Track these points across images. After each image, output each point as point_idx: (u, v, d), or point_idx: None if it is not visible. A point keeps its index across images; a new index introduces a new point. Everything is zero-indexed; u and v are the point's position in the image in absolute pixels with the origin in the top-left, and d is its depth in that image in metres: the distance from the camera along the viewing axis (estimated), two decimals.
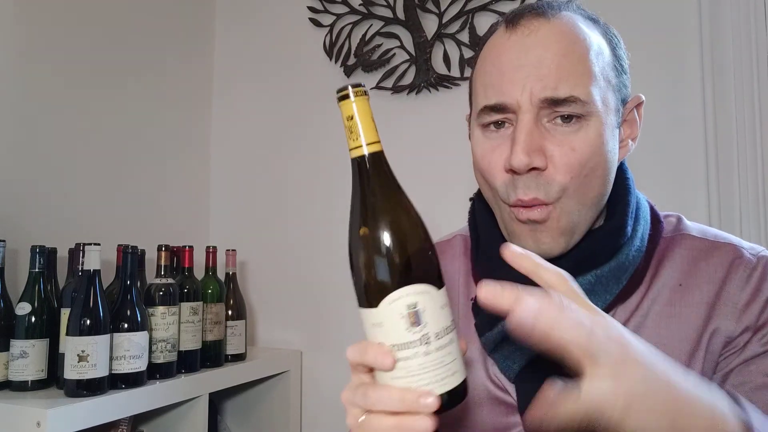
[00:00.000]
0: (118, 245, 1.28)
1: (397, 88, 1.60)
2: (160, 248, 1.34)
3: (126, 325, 1.18)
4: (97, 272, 1.14)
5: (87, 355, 1.10)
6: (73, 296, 1.17)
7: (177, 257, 1.42)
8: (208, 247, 1.51)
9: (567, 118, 0.64)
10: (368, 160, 0.53)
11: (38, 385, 1.15)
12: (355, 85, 0.52)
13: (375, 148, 0.53)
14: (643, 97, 0.73)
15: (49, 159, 1.43)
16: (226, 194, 1.87)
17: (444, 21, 1.56)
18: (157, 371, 1.27)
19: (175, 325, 1.32)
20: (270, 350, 1.70)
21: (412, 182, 1.61)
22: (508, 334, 0.69)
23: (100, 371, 1.12)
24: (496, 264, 0.73)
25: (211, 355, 1.43)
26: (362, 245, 0.52)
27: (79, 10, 1.51)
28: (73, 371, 1.10)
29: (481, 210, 0.78)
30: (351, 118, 0.52)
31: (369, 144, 0.52)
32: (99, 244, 1.16)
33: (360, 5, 1.67)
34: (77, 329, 1.10)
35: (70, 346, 1.10)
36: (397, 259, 0.51)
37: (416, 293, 0.50)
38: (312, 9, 1.74)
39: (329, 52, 1.70)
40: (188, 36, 1.83)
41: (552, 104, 0.63)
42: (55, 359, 1.18)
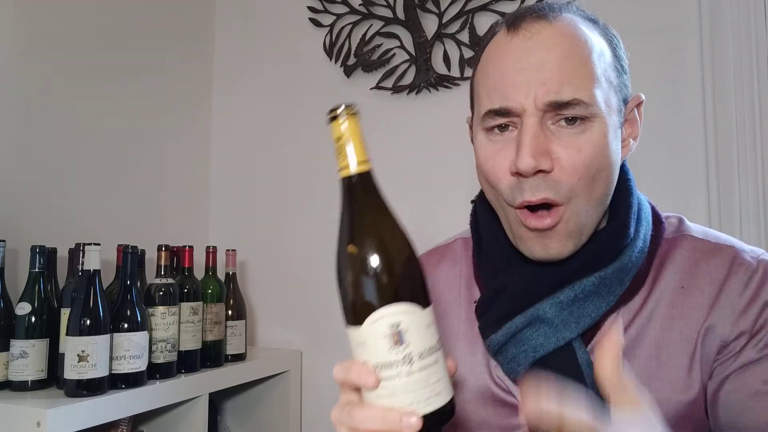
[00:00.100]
0: (118, 245, 1.28)
1: (397, 88, 1.60)
2: (160, 248, 1.34)
3: (126, 325, 1.18)
4: (97, 272, 1.14)
5: (87, 355, 1.10)
6: (73, 296, 1.16)
7: (177, 257, 1.42)
8: (208, 247, 1.51)
9: (571, 120, 0.64)
10: (357, 181, 0.53)
11: (38, 385, 1.15)
12: (347, 106, 0.53)
13: (364, 168, 0.53)
14: (643, 97, 0.73)
15: (49, 159, 1.43)
16: (226, 194, 1.87)
17: (444, 21, 1.56)
18: (157, 371, 1.27)
19: (175, 325, 1.32)
20: (270, 350, 1.70)
21: (412, 182, 1.63)
22: (511, 336, 0.69)
23: (100, 371, 1.12)
24: (500, 266, 0.73)
25: (211, 355, 1.43)
26: (347, 264, 0.52)
27: (79, 10, 1.51)
28: (73, 371, 1.10)
29: (484, 213, 0.77)
30: (340, 139, 0.53)
31: (358, 164, 0.52)
32: (99, 244, 1.16)
33: (360, 5, 1.66)
34: (77, 329, 1.10)
35: (70, 346, 1.10)
36: (381, 279, 0.51)
37: (399, 313, 0.50)
38: (312, 9, 1.74)
39: (329, 52, 1.70)
40: (188, 36, 1.83)
41: (556, 107, 0.63)
42: (55, 359, 1.18)
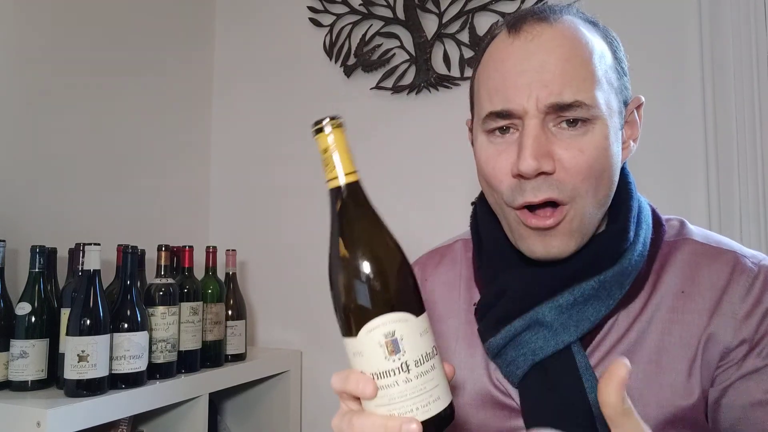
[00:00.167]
0: (118, 245, 1.28)
1: (397, 88, 1.60)
2: (160, 248, 1.34)
3: (126, 325, 1.18)
4: (97, 272, 1.14)
5: (87, 355, 1.10)
6: (73, 296, 1.16)
7: (177, 257, 1.42)
8: (208, 247, 1.51)
9: (572, 123, 0.64)
10: (345, 191, 0.53)
11: (38, 385, 1.15)
12: (332, 118, 0.53)
13: (352, 178, 0.53)
14: (643, 99, 0.73)
15: (49, 159, 1.42)
16: (226, 194, 1.87)
17: (444, 21, 1.56)
18: (157, 371, 1.27)
19: (175, 325, 1.32)
20: (270, 350, 1.70)
21: (412, 182, 1.63)
22: (510, 339, 0.69)
23: (100, 371, 1.12)
24: (500, 268, 0.73)
25: (211, 355, 1.43)
26: (340, 276, 0.52)
27: (79, 10, 1.51)
28: (73, 371, 1.10)
29: (484, 214, 0.77)
30: (326, 151, 0.53)
31: (346, 175, 0.53)
32: (99, 244, 1.16)
33: (360, 5, 1.66)
34: (77, 329, 1.10)
35: (70, 346, 1.10)
36: (374, 289, 0.51)
37: (393, 321, 0.50)
38: (312, 9, 1.74)
39: (329, 52, 1.70)
40: (188, 36, 1.83)
41: (558, 109, 0.63)
42: (55, 359, 1.18)
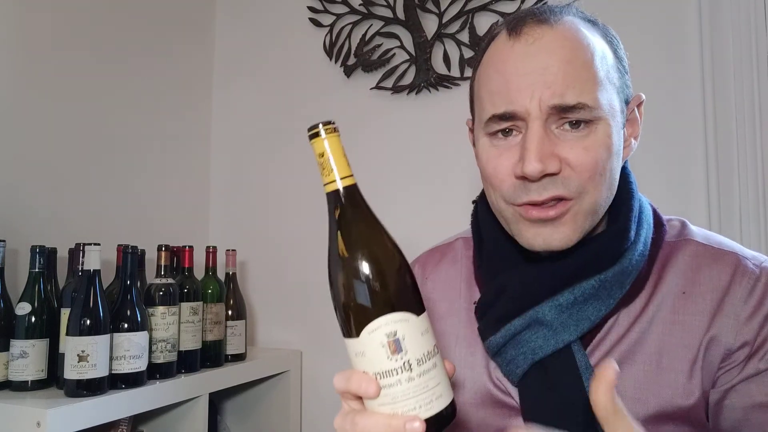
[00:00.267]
0: (118, 245, 1.28)
1: (397, 88, 1.60)
2: (160, 248, 1.34)
3: (126, 325, 1.18)
4: (97, 272, 1.14)
5: (87, 355, 1.10)
6: (73, 296, 1.16)
7: (177, 257, 1.42)
8: (208, 247, 1.51)
9: (575, 124, 0.64)
10: (342, 195, 0.53)
11: (38, 385, 1.15)
12: (326, 123, 0.54)
13: (348, 182, 0.54)
14: (644, 96, 0.73)
15: (49, 159, 1.42)
16: (226, 194, 1.87)
17: (444, 21, 1.56)
18: (157, 371, 1.27)
19: (175, 325, 1.32)
20: (270, 350, 1.70)
21: (412, 182, 1.63)
22: (510, 338, 0.69)
23: (100, 371, 1.12)
24: (500, 267, 0.73)
25: (211, 355, 1.43)
26: (340, 278, 0.53)
27: (78, 10, 1.51)
28: (73, 371, 1.09)
29: (485, 213, 0.77)
30: (323, 155, 0.53)
31: (342, 178, 0.53)
32: (99, 244, 1.16)
33: (360, 5, 1.66)
34: (77, 329, 1.10)
35: (70, 346, 1.10)
36: (374, 290, 0.52)
37: (395, 321, 0.51)
38: (312, 9, 1.74)
39: (329, 52, 1.70)
40: (188, 37, 1.83)
41: (561, 111, 0.63)
42: (55, 359, 1.18)
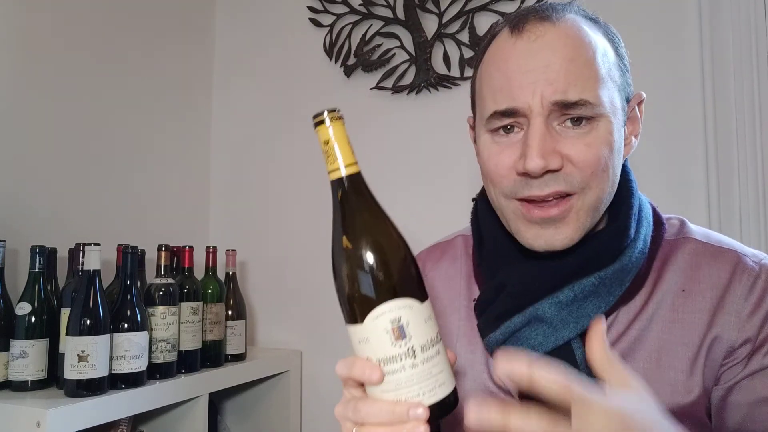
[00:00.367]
0: (118, 245, 1.28)
1: (397, 88, 1.60)
2: (160, 248, 1.34)
3: (126, 325, 1.18)
4: (97, 272, 1.14)
5: (87, 355, 1.10)
6: (73, 296, 1.16)
7: (177, 257, 1.42)
8: (208, 247, 1.51)
9: (577, 121, 0.64)
10: (347, 182, 0.54)
11: (38, 385, 1.15)
12: (330, 110, 0.54)
13: (353, 169, 0.54)
14: (645, 95, 0.74)
15: (49, 159, 1.42)
16: (226, 194, 1.87)
17: (444, 21, 1.56)
18: (157, 371, 1.27)
19: (175, 325, 1.32)
20: (270, 350, 1.70)
21: (412, 182, 1.63)
22: (510, 335, 0.69)
23: (100, 371, 1.12)
24: (500, 264, 0.73)
25: (211, 355, 1.43)
26: (344, 264, 0.53)
27: (78, 10, 1.51)
28: (73, 371, 1.09)
29: (485, 210, 0.77)
30: (327, 143, 0.54)
31: (347, 166, 0.54)
32: (99, 244, 1.16)
33: (360, 5, 1.66)
34: (77, 329, 1.10)
35: (70, 346, 1.10)
36: (379, 276, 0.52)
37: (399, 308, 0.51)
38: (312, 9, 1.74)
39: (329, 52, 1.70)
40: (188, 37, 1.83)
41: (563, 107, 0.63)
42: (55, 359, 1.18)
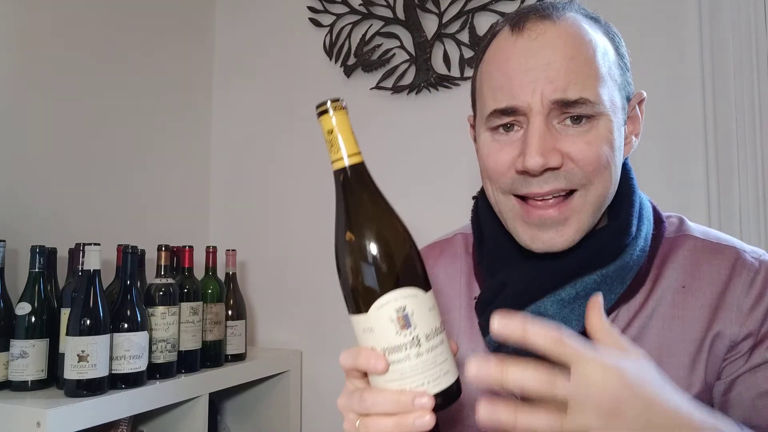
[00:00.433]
0: (118, 245, 1.28)
1: (397, 88, 1.60)
2: (160, 248, 1.34)
3: (126, 325, 1.18)
4: (97, 272, 1.14)
5: (87, 355, 1.10)
6: (73, 296, 1.16)
7: (177, 257, 1.42)
8: (208, 247, 1.51)
9: (577, 120, 0.64)
10: (350, 172, 0.54)
11: (38, 385, 1.15)
12: (334, 100, 0.54)
13: (356, 159, 0.54)
14: (645, 94, 0.74)
15: (48, 159, 1.42)
16: (226, 194, 1.87)
17: (444, 21, 1.56)
18: (157, 371, 1.27)
19: (175, 325, 1.32)
20: (270, 350, 1.70)
21: (413, 182, 1.63)
22: None
23: (100, 371, 1.12)
24: (501, 263, 0.73)
25: (211, 355, 1.43)
26: (349, 254, 0.53)
27: (78, 10, 1.51)
28: (73, 371, 1.09)
29: (485, 209, 0.77)
30: (331, 132, 0.54)
31: (350, 156, 0.54)
32: (99, 244, 1.16)
33: (360, 5, 1.66)
34: (77, 329, 1.10)
35: (70, 346, 1.10)
36: (384, 265, 0.52)
37: (404, 297, 0.51)
38: (312, 9, 1.74)
39: (329, 52, 1.70)
40: (188, 37, 1.83)
41: (562, 106, 0.64)
42: (55, 359, 1.18)
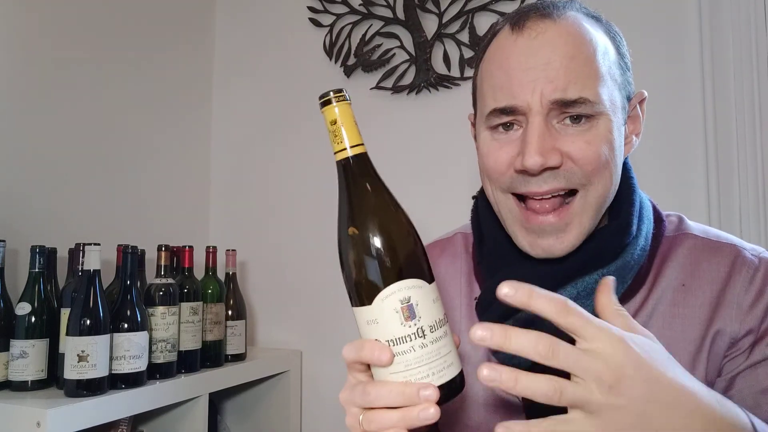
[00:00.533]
0: (118, 245, 1.28)
1: (397, 88, 1.60)
2: (160, 248, 1.34)
3: (126, 325, 1.18)
4: (97, 272, 1.14)
5: (87, 355, 1.10)
6: (73, 296, 1.16)
7: (177, 257, 1.42)
8: (208, 247, 1.51)
9: (576, 119, 0.64)
10: (353, 162, 0.54)
11: (38, 385, 1.15)
12: (337, 91, 0.54)
13: (359, 150, 0.54)
14: (646, 93, 0.73)
15: (49, 159, 1.42)
16: (226, 194, 1.87)
17: (444, 21, 1.56)
18: (157, 371, 1.27)
19: (175, 325, 1.32)
20: (270, 350, 1.70)
21: (413, 182, 1.63)
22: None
23: (100, 371, 1.12)
24: (500, 264, 0.73)
25: (211, 355, 1.43)
26: (352, 245, 0.53)
27: (79, 10, 1.51)
28: (73, 371, 1.09)
29: (485, 208, 0.77)
30: (334, 123, 0.54)
31: (353, 146, 0.54)
32: (99, 244, 1.16)
33: (360, 5, 1.66)
34: (77, 329, 1.10)
35: (70, 346, 1.10)
36: (388, 256, 0.52)
37: (408, 288, 0.51)
38: (312, 9, 1.74)
39: (329, 52, 1.70)
40: (188, 37, 1.83)
41: (562, 105, 0.63)
42: (55, 359, 1.18)
